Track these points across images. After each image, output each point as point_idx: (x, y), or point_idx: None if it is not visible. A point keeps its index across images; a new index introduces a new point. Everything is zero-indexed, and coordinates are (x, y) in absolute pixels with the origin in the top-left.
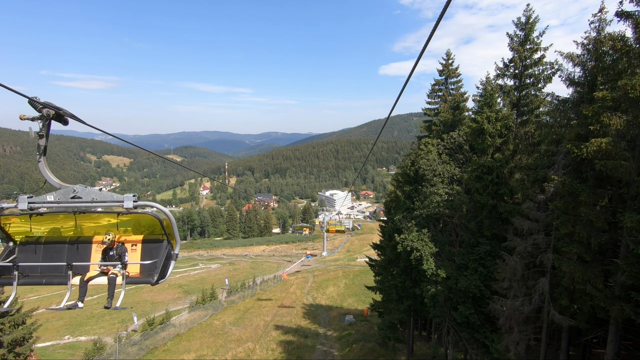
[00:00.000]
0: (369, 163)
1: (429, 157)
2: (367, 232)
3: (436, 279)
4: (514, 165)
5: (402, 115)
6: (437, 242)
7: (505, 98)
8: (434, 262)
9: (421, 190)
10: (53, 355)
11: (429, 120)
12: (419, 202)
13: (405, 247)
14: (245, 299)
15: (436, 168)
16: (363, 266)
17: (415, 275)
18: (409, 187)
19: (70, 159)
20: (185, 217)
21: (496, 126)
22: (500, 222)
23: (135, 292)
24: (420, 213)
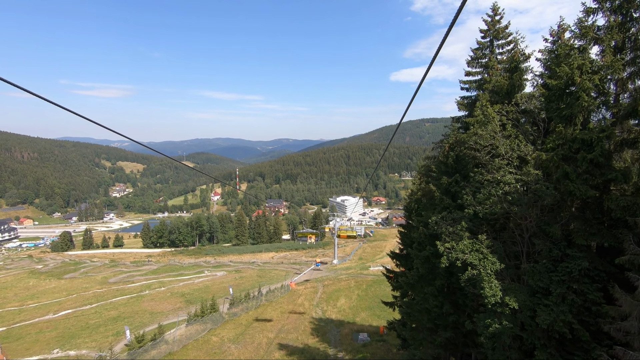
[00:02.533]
0: (381, 169)
1: (487, 129)
2: (380, 239)
3: (502, 309)
4: (623, 137)
5: (414, 121)
6: (496, 254)
7: (605, 40)
8: (499, 284)
9: (473, 178)
10: None
11: (467, 97)
12: (468, 196)
13: (453, 260)
14: (248, 310)
15: (498, 145)
16: (377, 275)
17: (459, 298)
18: (447, 179)
19: (86, 165)
20: (193, 222)
21: (594, 80)
22: (603, 224)
23: (135, 301)
24: (471, 212)
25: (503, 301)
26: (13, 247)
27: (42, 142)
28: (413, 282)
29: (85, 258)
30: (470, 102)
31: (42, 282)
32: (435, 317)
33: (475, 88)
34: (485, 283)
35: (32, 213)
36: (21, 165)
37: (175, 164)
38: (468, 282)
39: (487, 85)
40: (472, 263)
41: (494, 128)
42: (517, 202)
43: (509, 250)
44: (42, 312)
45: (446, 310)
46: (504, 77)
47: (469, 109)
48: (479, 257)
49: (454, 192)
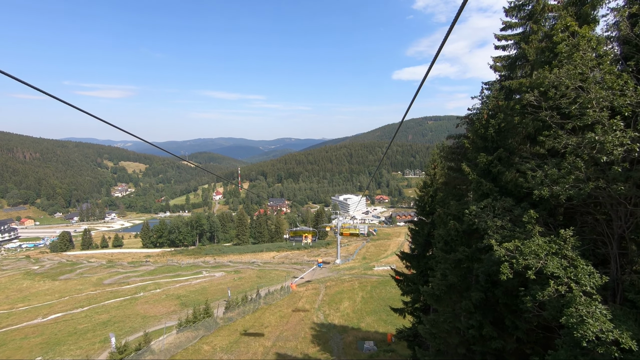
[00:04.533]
0: (384, 167)
1: (574, 64)
2: (384, 237)
3: (604, 349)
4: None
5: (417, 119)
6: (588, 260)
7: None
8: (604, 310)
9: (539, 146)
10: None
11: (505, 57)
12: (537, 172)
13: (521, 268)
14: (245, 315)
15: (590, 89)
16: (381, 276)
17: (506, 317)
18: (485, 157)
19: (88, 165)
20: (194, 222)
21: None
22: None
23: (128, 304)
24: (545, 194)
25: (605, 335)
26: (12, 248)
27: (44, 143)
28: (439, 293)
29: (83, 258)
30: (510, 62)
31: (36, 284)
32: (470, 340)
33: (517, 43)
34: (581, 307)
35: (33, 213)
36: (23, 166)
37: (178, 164)
38: (548, 304)
39: (534, 36)
40: (554, 274)
41: (587, 62)
42: (622, 177)
43: (588, 253)
44: (31, 316)
45: (487, 334)
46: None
47: (509, 70)
48: (563, 265)
49: (497, 173)
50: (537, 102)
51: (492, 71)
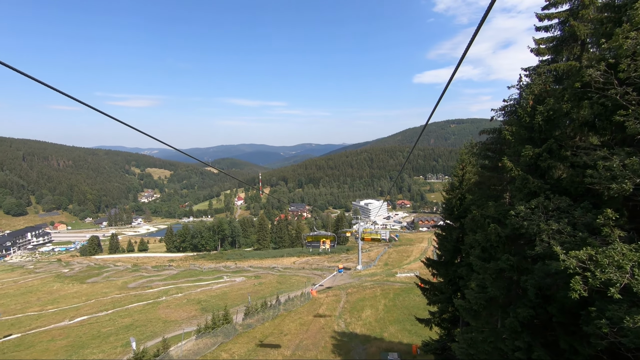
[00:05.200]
0: (405, 171)
1: None
2: (406, 243)
3: None
4: None
5: (439, 122)
6: None
7: None
8: None
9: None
10: None
11: (549, 39)
12: (614, 162)
13: (598, 284)
14: (264, 322)
15: None
16: (404, 283)
17: (562, 340)
18: (531, 150)
19: (116, 172)
20: (215, 227)
21: None
22: None
23: (151, 308)
24: (629, 188)
25: None
26: (46, 251)
27: (76, 151)
28: (477, 307)
29: (110, 262)
30: (556, 43)
31: (66, 287)
32: None
33: (562, 22)
34: None
35: (65, 218)
36: (57, 173)
37: (201, 170)
38: (635, 331)
39: (585, 11)
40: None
41: None
42: None
43: None
44: (58, 318)
45: (538, 358)
46: None
47: (554, 53)
48: None
49: (546, 168)
50: (604, 78)
51: (534, 55)
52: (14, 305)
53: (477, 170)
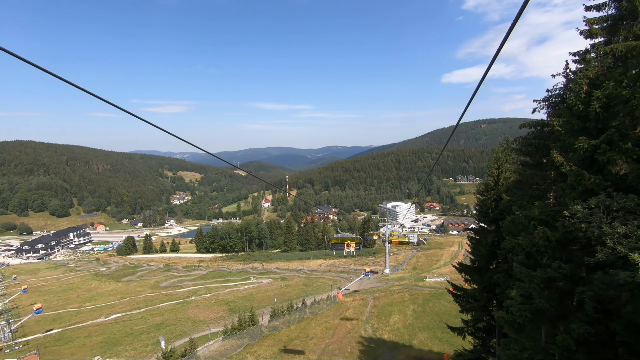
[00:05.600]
0: (434, 173)
1: None
2: (435, 247)
3: None
4: None
5: (469, 123)
6: None
7: None
8: None
9: None
10: None
11: (603, 18)
12: None
13: None
14: (290, 324)
15: None
16: (434, 288)
17: None
18: (586, 141)
19: (151, 175)
20: (243, 228)
21: None
22: None
23: (180, 308)
24: None
25: None
26: (86, 251)
27: (114, 155)
28: (521, 320)
29: (144, 262)
30: (612, 23)
31: (103, 285)
32: None
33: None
34: None
35: (104, 219)
36: (97, 176)
37: (230, 173)
38: None
39: None
40: None
41: None
42: None
43: None
44: (95, 315)
45: None
46: None
47: (609, 34)
48: None
49: (605, 162)
50: None
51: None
52: (56, 301)
53: (517, 168)
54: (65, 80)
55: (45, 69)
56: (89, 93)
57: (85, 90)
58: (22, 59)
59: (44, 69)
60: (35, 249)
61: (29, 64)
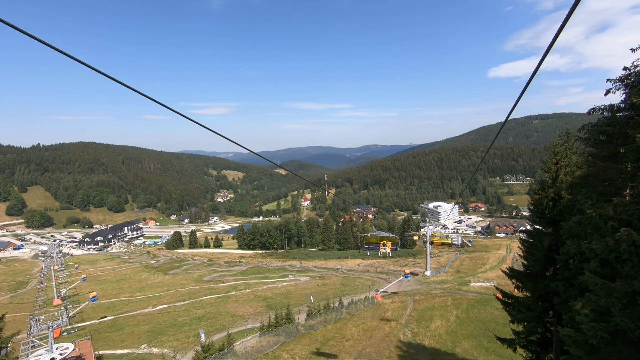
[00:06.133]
0: (480, 172)
1: None
2: (480, 249)
3: None
4: None
5: (519, 119)
6: None
7: None
8: None
9: None
10: None
11: None
12: None
13: None
14: (327, 324)
15: None
16: (479, 293)
17: None
18: None
19: (197, 174)
20: (282, 226)
21: None
22: None
23: (221, 302)
24: None
25: None
26: (138, 244)
27: (164, 155)
28: (595, 340)
29: (189, 256)
30: None
31: (152, 276)
32: None
33: None
34: None
35: (155, 215)
36: (148, 175)
37: (270, 172)
38: None
39: None
40: None
41: None
42: None
43: None
44: (144, 305)
45: None
46: None
47: None
48: None
49: None
50: None
51: None
52: (110, 290)
53: (584, 161)
54: (129, 86)
55: (114, 77)
56: (146, 97)
57: (144, 94)
58: (94, 69)
59: (113, 78)
60: (95, 241)
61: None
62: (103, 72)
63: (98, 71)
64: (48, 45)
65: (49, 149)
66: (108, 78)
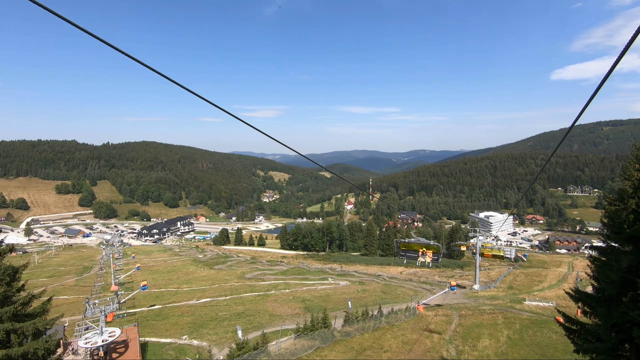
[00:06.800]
0: (538, 182)
1: None
2: (537, 265)
3: None
4: None
5: (586, 125)
6: None
7: None
8: None
9: None
10: (162, 354)
11: None
12: None
13: None
14: (364, 332)
15: None
16: (535, 313)
17: None
18: None
19: (245, 174)
20: (324, 228)
21: None
22: None
23: (261, 300)
24: None
25: None
26: (189, 238)
27: (216, 155)
28: None
29: (234, 253)
30: None
31: (198, 270)
32: None
33: None
34: None
35: (205, 212)
36: (201, 173)
37: (315, 174)
38: None
39: None
40: None
41: None
42: None
43: None
44: (189, 297)
45: None
46: None
47: None
48: None
49: None
50: None
51: None
52: (161, 281)
53: None
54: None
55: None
56: (207, 101)
57: (206, 99)
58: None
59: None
60: (151, 234)
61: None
62: (169, 77)
63: (168, 78)
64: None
65: (117, 147)
66: (173, 83)
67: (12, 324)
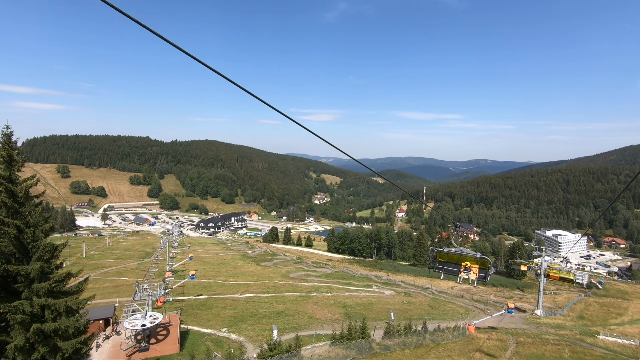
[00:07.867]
0: (621, 200)
1: None
2: (615, 295)
3: None
4: None
5: None
6: None
7: None
8: None
9: None
10: (200, 344)
11: None
12: None
13: None
14: (405, 348)
15: None
16: (612, 351)
17: None
18: None
19: (298, 176)
20: (373, 235)
21: None
22: None
23: (302, 301)
24: None
25: None
26: (241, 234)
27: (271, 156)
28: None
29: (281, 251)
30: None
31: (246, 265)
32: None
33: None
34: None
35: (258, 209)
36: (257, 172)
37: (367, 179)
38: None
39: None
40: None
41: None
42: None
43: None
44: (234, 290)
45: None
46: None
47: None
48: None
49: None
50: None
51: None
52: (210, 272)
53: None
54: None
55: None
56: (265, 103)
57: (270, 105)
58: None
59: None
60: (207, 227)
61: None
62: (234, 81)
63: (233, 82)
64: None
65: (183, 144)
66: (237, 86)
67: (47, 299)
